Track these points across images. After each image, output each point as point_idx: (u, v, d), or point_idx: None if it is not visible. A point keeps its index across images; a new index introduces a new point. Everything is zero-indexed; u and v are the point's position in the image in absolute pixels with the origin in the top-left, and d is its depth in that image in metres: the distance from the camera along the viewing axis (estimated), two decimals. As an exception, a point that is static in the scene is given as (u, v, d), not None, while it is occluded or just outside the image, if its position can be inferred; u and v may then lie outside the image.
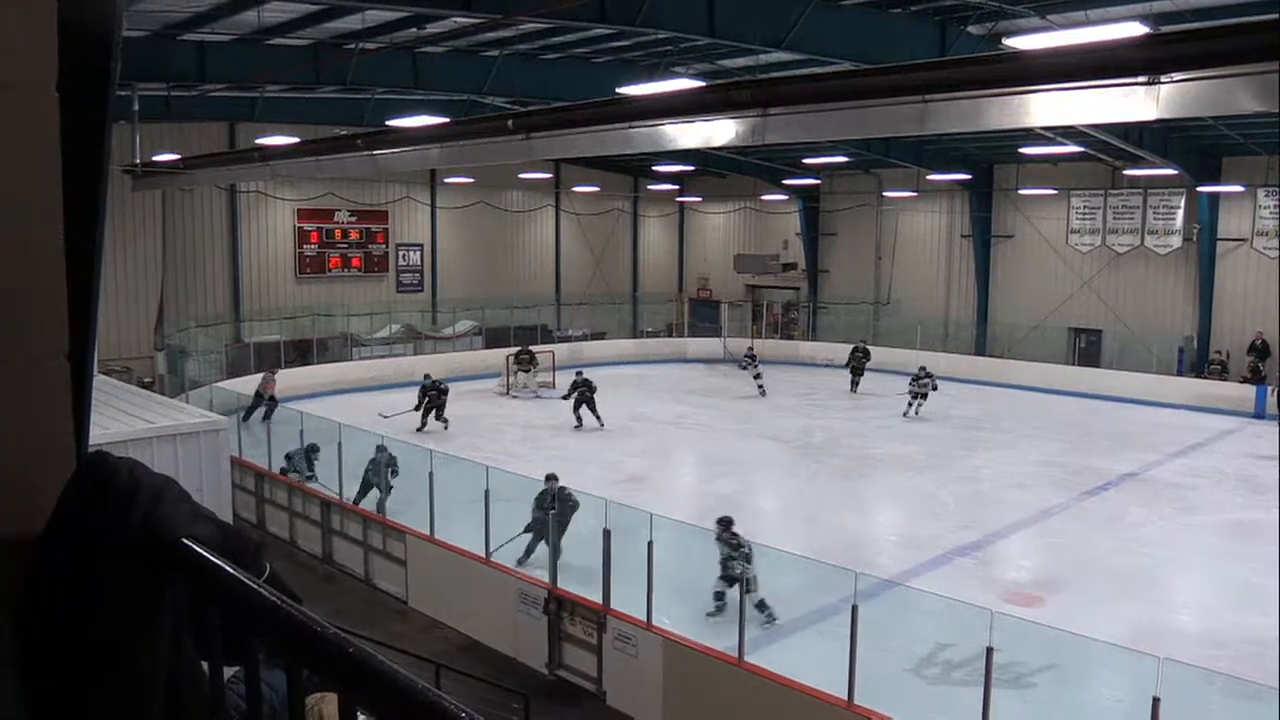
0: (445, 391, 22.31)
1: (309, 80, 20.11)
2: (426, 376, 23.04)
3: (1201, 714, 8.98)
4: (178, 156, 23.28)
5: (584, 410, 22.24)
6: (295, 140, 19.84)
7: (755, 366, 27.20)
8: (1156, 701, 7.15)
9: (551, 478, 13.12)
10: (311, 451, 15.96)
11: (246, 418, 20.81)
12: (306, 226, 31.62)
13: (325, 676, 1.04)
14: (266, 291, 30.72)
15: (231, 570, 1.09)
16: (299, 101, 24.28)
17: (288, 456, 16.23)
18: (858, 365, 28.25)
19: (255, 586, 1.07)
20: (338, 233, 32.36)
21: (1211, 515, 16.70)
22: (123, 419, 12.58)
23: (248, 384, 23.49)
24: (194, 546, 1.14)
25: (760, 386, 26.76)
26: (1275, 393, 24.81)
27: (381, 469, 14.77)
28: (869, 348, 29.05)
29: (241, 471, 16.42)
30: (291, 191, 30.57)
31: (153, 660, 1.17)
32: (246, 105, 24.30)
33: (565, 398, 22.81)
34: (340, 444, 15.10)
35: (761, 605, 10.96)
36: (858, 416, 24.12)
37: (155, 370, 25.57)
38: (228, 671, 1.19)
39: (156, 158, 22.62)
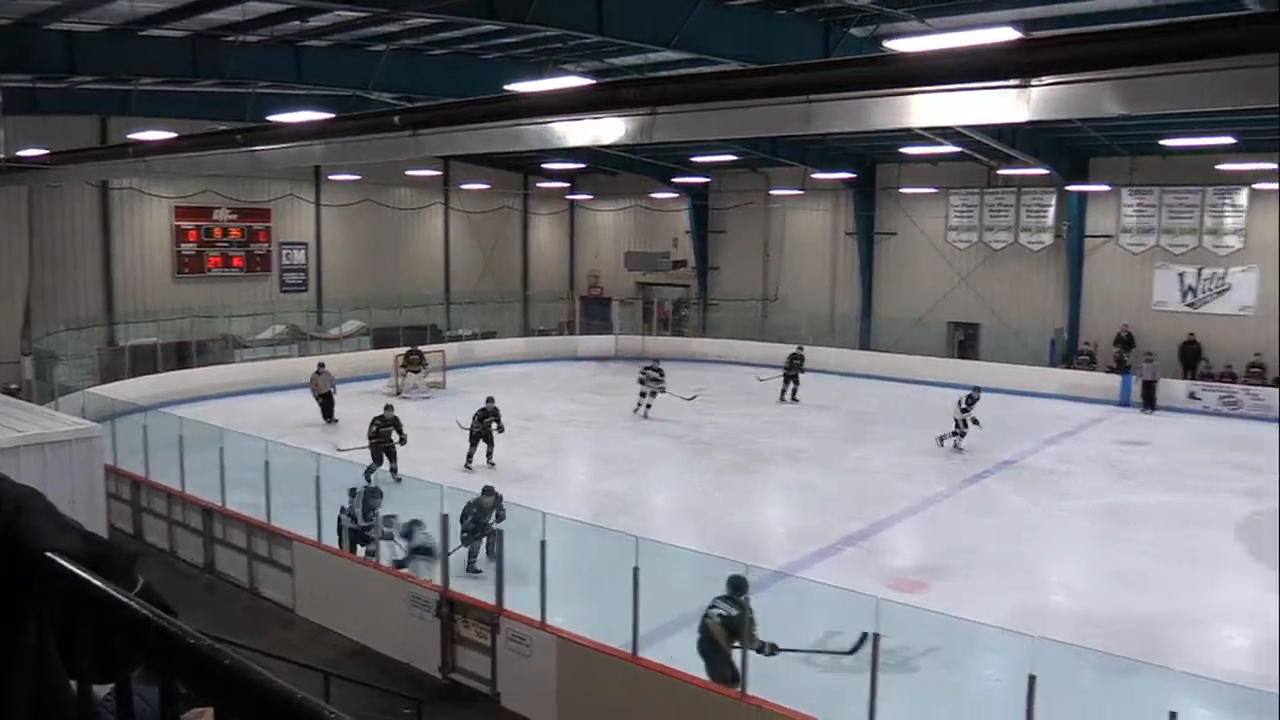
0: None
1: (186, 74, 19.39)
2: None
3: (1075, 689, 9.38)
4: (45, 151, 22.19)
5: (480, 446, 18.61)
6: (172, 135, 19.12)
7: (653, 385, 24.12)
8: (1033, 679, 7.45)
9: (488, 491, 13.10)
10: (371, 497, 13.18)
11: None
12: (184, 225, 30.54)
13: (201, 690, 1.01)
14: (142, 292, 29.55)
15: (100, 584, 1.05)
16: (175, 95, 23.41)
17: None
18: (793, 373, 26.56)
19: (126, 600, 1.03)
20: (218, 231, 31.35)
21: (1083, 500, 17.46)
22: (-14, 427, 11.97)
23: (122, 389, 22.60)
24: (60, 560, 1.09)
25: (645, 406, 23.93)
26: (1139, 381, 26.10)
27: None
28: (803, 353, 27.23)
29: (117, 480, 15.78)
30: (168, 189, 29.49)
31: (17, 679, 1.13)
32: (119, 99, 23.32)
33: (467, 428, 18.96)
34: (222, 450, 14.63)
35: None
36: (748, 412, 24.47)
37: (22, 376, 24.36)
38: (103, 689, 1.15)
39: (22, 153, 21.53)
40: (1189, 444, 22.05)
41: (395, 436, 17.78)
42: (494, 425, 18.41)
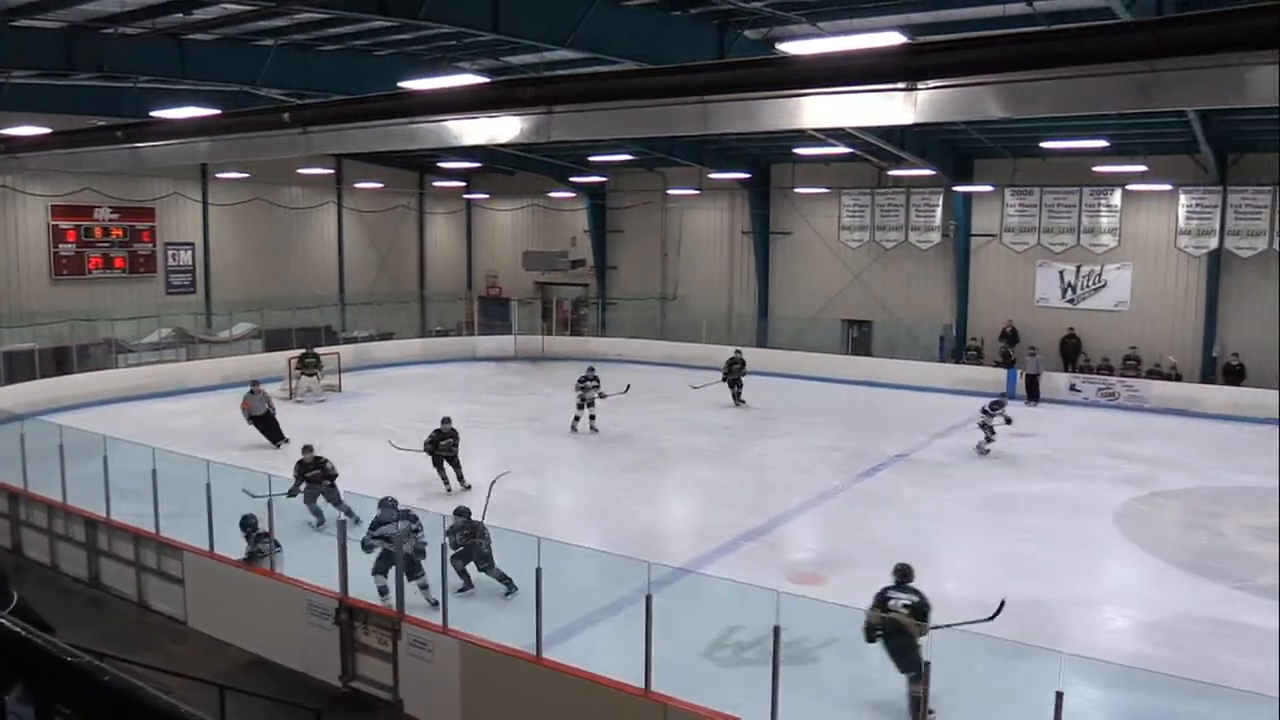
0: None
1: (62, 66, 18.59)
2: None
3: (968, 671, 9.67)
4: (-95, 147, 21.05)
5: (448, 468, 17.53)
6: (46, 131, 18.32)
7: (593, 391, 22.24)
8: (927, 665, 7.65)
9: (460, 512, 12.34)
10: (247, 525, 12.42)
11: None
12: (62, 224, 29.33)
13: (80, 709, 0.97)
14: (17, 295, 28.27)
15: (-30, 602, 1.01)
16: (51, 89, 22.38)
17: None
18: (735, 377, 25.87)
19: (-1, 618, 0.99)
20: (98, 231, 30.19)
21: (974, 490, 18.01)
22: None
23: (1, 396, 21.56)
24: (-75, 578, 1.04)
25: (583, 418, 22.21)
26: (1023, 374, 27.05)
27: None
28: (743, 356, 26.53)
29: (-9, 492, 15.06)
30: (44, 187, 28.26)
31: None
32: (-12, 92, 22.26)
33: (405, 448, 18.00)
34: (105, 458, 14.07)
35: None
36: (649, 410, 24.58)
37: (-115, 384, 23.08)
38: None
39: (-121, 148, 20.37)
40: (1070, 434, 22.93)
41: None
42: (452, 447, 17.46)
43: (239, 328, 31.49)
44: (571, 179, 35.62)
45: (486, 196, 40.11)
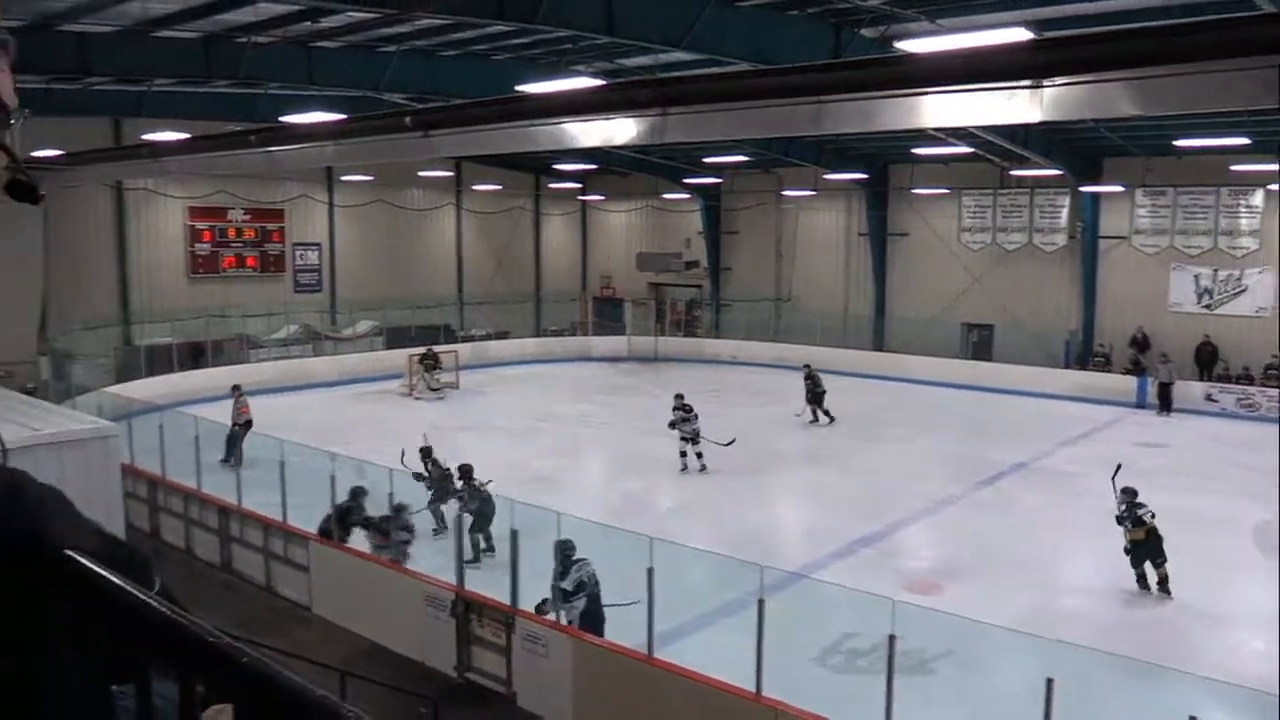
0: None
1: (199, 74, 19.48)
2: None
3: (1094, 691, 9.32)
4: (60, 153, 22.32)
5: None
6: (185, 136, 19.22)
7: (687, 428, 19.43)
8: (1050, 682, 7.41)
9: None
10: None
11: (228, 458, 17.82)
12: (199, 225, 30.70)
13: (219, 688, 1.01)
14: (157, 292, 29.70)
15: (119, 582, 1.05)
16: (189, 96, 23.50)
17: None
18: (815, 393, 23.81)
19: (145, 598, 1.03)
20: (231, 231, 31.50)
21: (1100, 501, 17.32)
22: (4, 427, 12.03)
23: (138, 389, 22.69)
24: (79, 559, 1.10)
25: (690, 454, 19.26)
26: (1155, 383, 25.95)
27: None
28: (815, 371, 24.46)
29: (134, 479, 15.85)
30: (182, 189, 29.63)
31: (39, 679, 1.13)
32: (133, 100, 23.42)
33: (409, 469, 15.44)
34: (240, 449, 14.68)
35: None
36: (761, 413, 24.43)
37: (39, 375, 24.49)
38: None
39: (37, 154, 21.65)
40: (1205, 446, 21.91)
41: None
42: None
43: (362, 325, 32.48)
44: (686, 180, 35.64)
45: (601, 198, 40.44)
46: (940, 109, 8.71)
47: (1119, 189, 27.84)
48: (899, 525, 15.90)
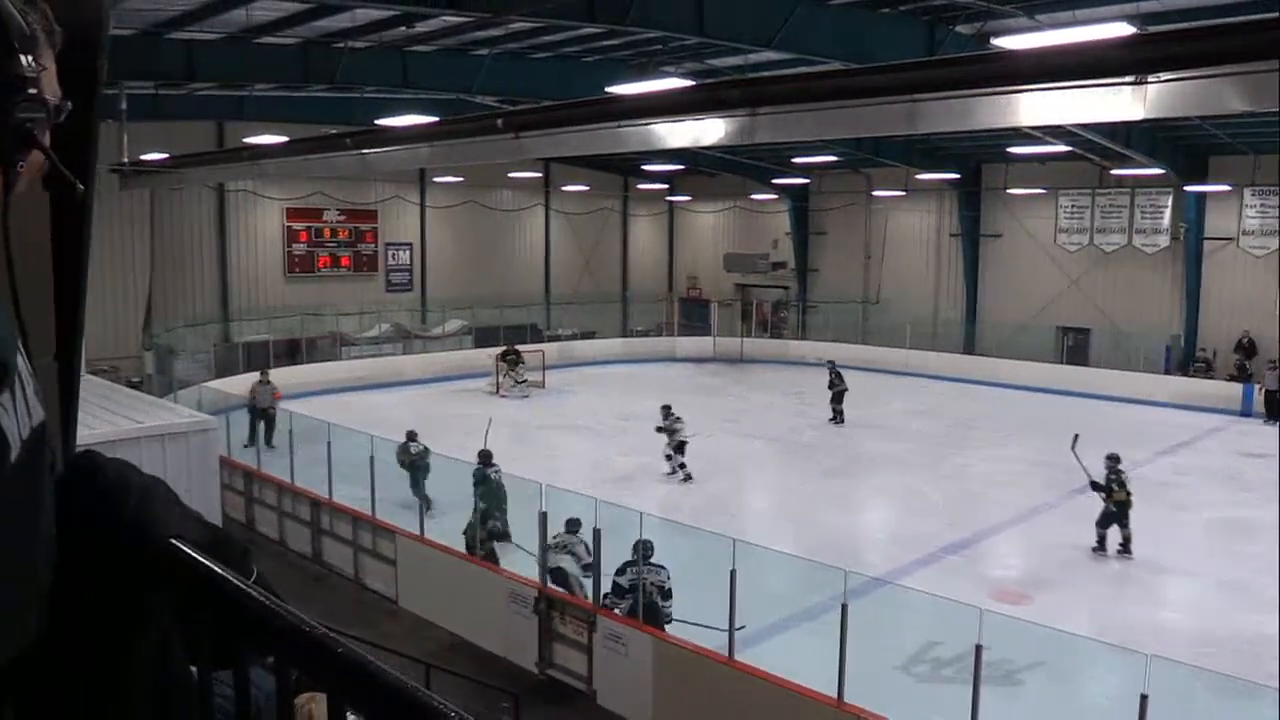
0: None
1: (298, 79, 20.03)
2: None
3: (1190, 711, 9.01)
4: (166, 156, 23.18)
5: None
6: (284, 139, 19.78)
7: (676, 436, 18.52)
8: (1144, 699, 7.18)
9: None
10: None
11: (254, 439, 19.02)
12: (295, 226, 31.54)
13: (314, 676, 1.03)
14: (255, 291, 30.63)
15: (221, 571, 1.09)
16: (288, 100, 24.19)
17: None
18: (837, 391, 23.76)
19: (245, 587, 1.07)
20: (327, 232, 32.29)
21: (1200, 513, 16.77)
22: (111, 419, 12.52)
23: (236, 384, 23.38)
24: (182, 547, 1.13)
25: (678, 465, 18.30)
26: (1262, 390, 24.95)
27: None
28: (838, 368, 24.34)
29: (230, 471, 16.36)
30: (280, 191, 30.48)
31: (140, 663, 1.17)
32: (234, 104, 24.21)
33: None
34: (329, 444, 15.06)
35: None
36: (848, 415, 24.15)
37: (143, 370, 25.45)
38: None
39: (144, 157, 22.51)
40: (1315, 456, 20.97)
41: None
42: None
43: (451, 325, 33.02)
44: (774, 180, 35.42)
45: (688, 199, 40.43)
46: (1038, 107, 8.50)
47: (1226, 188, 26.80)
48: (987, 533, 15.58)
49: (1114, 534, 14.36)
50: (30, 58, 1.03)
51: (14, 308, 1.08)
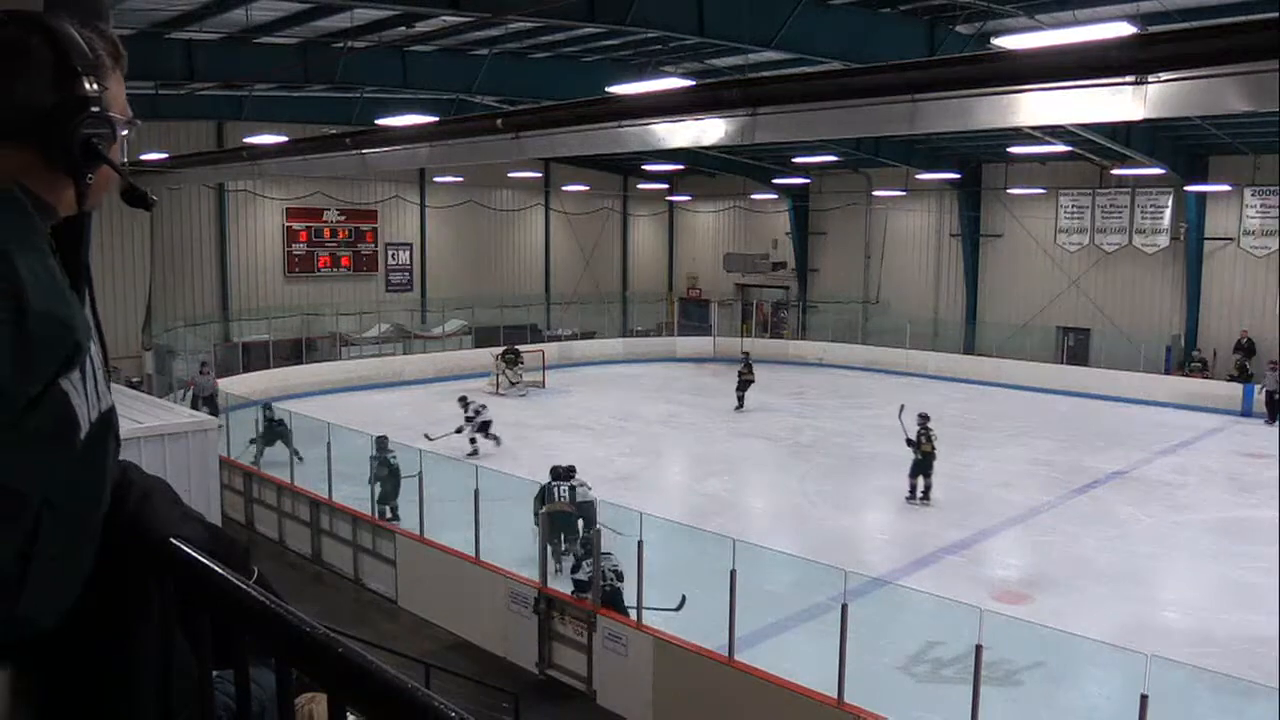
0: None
1: (297, 79, 20.03)
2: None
3: (1190, 711, 9.01)
4: (165, 155, 23.17)
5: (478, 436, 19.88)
6: (284, 139, 19.75)
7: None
8: (1144, 699, 7.18)
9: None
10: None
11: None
12: (295, 225, 31.53)
13: (314, 676, 1.03)
14: (255, 290, 30.63)
15: (221, 570, 1.09)
16: (287, 100, 24.19)
17: None
18: (744, 379, 24.76)
19: (245, 587, 1.07)
20: (326, 232, 32.29)
21: (1200, 513, 16.77)
22: (110, 419, 12.49)
23: (237, 384, 23.41)
24: (182, 547, 1.13)
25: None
26: (1262, 390, 24.95)
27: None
28: (751, 361, 25.73)
29: (230, 471, 16.36)
30: (280, 190, 30.48)
31: (141, 660, 1.17)
32: (234, 104, 24.19)
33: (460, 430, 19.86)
34: (329, 444, 15.06)
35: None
36: (847, 415, 24.16)
37: (143, 370, 25.46)
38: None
39: (144, 157, 22.50)
40: (1315, 456, 20.97)
41: None
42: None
43: (451, 324, 33.02)
44: (774, 180, 35.42)
45: (688, 198, 40.43)
46: (1039, 107, 8.49)
47: (1226, 188, 26.80)
48: (987, 533, 15.57)
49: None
50: (93, 79, 1.11)
51: (91, 307, 1.16)
